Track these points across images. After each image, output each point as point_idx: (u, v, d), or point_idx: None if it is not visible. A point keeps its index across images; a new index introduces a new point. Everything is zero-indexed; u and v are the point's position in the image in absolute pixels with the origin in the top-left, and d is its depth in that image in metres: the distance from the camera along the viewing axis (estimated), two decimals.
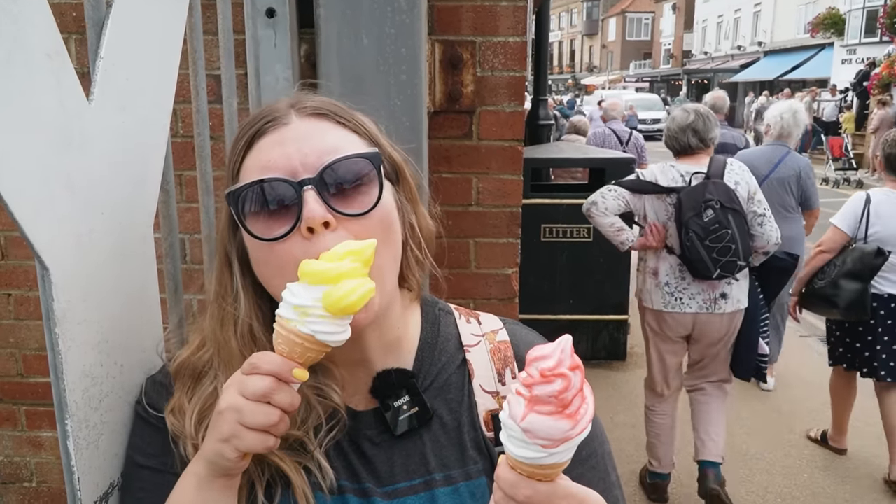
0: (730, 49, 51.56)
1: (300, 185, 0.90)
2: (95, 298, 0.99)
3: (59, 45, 0.88)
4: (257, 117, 0.97)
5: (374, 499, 0.99)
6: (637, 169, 4.78)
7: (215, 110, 1.63)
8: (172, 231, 1.29)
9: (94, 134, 0.97)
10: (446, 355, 1.09)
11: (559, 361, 0.75)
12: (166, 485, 0.96)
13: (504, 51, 2.20)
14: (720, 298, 3.80)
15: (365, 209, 0.92)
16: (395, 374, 1.03)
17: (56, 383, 0.93)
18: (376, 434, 1.02)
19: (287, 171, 0.91)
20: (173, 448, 0.99)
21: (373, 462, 1.01)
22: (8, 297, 2.50)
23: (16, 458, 2.68)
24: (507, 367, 1.09)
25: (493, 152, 2.25)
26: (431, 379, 1.06)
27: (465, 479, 1.01)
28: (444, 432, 1.04)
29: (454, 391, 1.06)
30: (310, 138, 0.94)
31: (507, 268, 2.33)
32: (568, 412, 0.75)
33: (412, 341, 1.08)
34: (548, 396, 0.75)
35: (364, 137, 0.99)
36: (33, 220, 0.86)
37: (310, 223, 0.89)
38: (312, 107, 0.98)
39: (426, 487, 1.00)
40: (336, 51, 1.86)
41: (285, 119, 0.95)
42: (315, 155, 0.92)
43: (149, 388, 1.07)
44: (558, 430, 0.75)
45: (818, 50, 37.39)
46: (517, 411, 0.77)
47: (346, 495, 0.98)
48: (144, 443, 1.04)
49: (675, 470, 4.29)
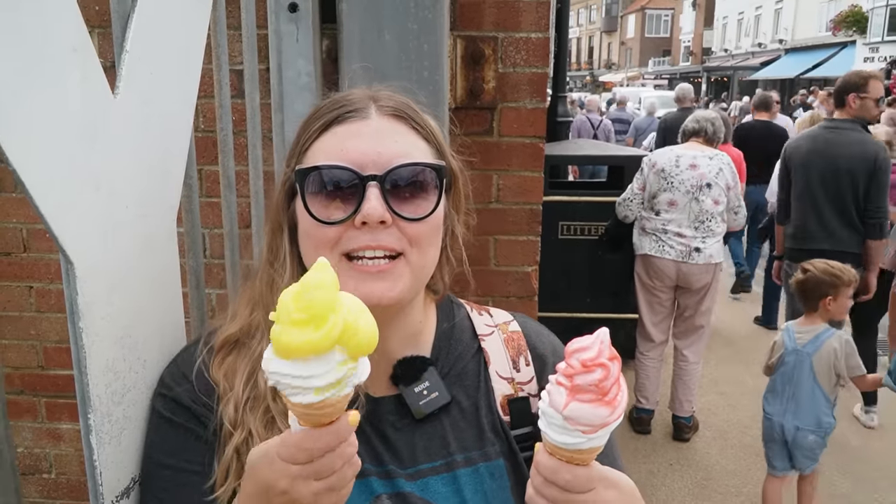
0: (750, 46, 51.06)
1: (367, 179, 0.95)
2: (119, 293, 0.99)
3: (85, 39, 0.87)
4: (336, 103, 1.02)
5: (398, 479, 1.02)
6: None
7: (236, 105, 1.62)
8: (195, 226, 1.29)
9: (118, 128, 0.97)
10: (462, 345, 1.14)
11: (599, 352, 0.80)
12: (187, 484, 0.97)
13: (526, 47, 2.18)
14: (694, 251, 4.66)
15: (421, 215, 0.98)
16: (414, 361, 1.08)
17: (79, 377, 0.93)
18: (398, 419, 1.06)
19: (357, 164, 0.96)
20: (209, 414, 0.99)
21: (395, 445, 1.04)
22: (29, 290, 2.52)
23: (35, 450, 2.70)
24: (520, 354, 1.15)
25: (514, 149, 2.24)
26: (449, 367, 1.11)
27: (485, 461, 1.06)
28: (463, 416, 1.08)
29: (471, 377, 1.11)
30: (385, 138, 0.98)
31: (526, 265, 2.31)
32: (607, 399, 0.80)
33: (429, 332, 1.13)
34: (588, 385, 0.80)
35: (432, 145, 1.04)
36: (58, 215, 0.86)
37: (366, 218, 0.94)
38: (393, 107, 1.02)
39: (448, 468, 1.04)
40: (358, 46, 1.85)
41: (365, 113, 1.00)
42: (387, 155, 0.96)
43: (169, 381, 1.06)
44: (598, 417, 0.80)
45: (840, 48, 36.93)
46: (559, 400, 0.81)
47: (370, 478, 1.01)
48: (164, 441, 1.03)
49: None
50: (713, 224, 4.69)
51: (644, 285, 4.99)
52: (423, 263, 1.01)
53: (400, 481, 1.02)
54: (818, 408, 3.55)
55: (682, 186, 4.64)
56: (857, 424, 5.29)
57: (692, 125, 4.98)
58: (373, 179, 0.95)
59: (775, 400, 3.69)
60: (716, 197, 4.64)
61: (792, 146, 4.89)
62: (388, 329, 1.03)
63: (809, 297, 3.67)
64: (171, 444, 1.02)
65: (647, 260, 4.86)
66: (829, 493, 4.35)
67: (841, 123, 4.62)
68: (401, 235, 0.97)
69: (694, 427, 5.14)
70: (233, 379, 1.00)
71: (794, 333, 3.67)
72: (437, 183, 1.00)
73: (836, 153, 4.53)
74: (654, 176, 4.72)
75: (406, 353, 1.08)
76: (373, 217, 0.93)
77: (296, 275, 1.01)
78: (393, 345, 1.07)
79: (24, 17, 0.77)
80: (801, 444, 3.59)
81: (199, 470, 0.98)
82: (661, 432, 5.18)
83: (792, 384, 3.60)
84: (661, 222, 4.76)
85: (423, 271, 1.02)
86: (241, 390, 0.99)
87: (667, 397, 5.20)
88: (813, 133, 4.79)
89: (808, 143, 4.74)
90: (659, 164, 4.72)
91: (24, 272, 2.50)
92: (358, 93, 1.04)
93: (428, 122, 1.05)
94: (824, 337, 3.55)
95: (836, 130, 4.60)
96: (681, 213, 4.68)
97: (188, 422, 1.01)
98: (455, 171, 1.08)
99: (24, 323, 2.55)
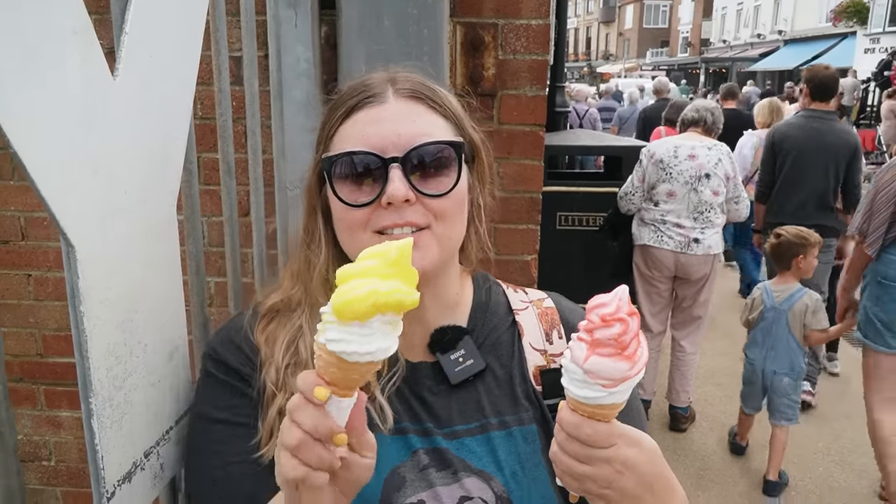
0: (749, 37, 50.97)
1: (388, 161, 1.00)
2: (119, 277, 0.99)
3: (85, 21, 0.87)
4: (356, 90, 1.07)
5: (436, 437, 1.08)
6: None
7: (234, 92, 1.61)
8: (195, 212, 1.28)
9: (118, 111, 0.96)
10: (497, 317, 1.20)
11: (618, 307, 0.82)
12: (240, 436, 1.04)
13: (526, 34, 2.17)
14: (693, 242, 4.64)
15: (443, 191, 1.03)
16: (451, 330, 1.14)
17: (80, 361, 0.93)
18: (434, 384, 1.12)
19: (379, 148, 1.01)
20: (254, 374, 1.06)
21: (432, 407, 1.10)
22: (28, 278, 2.51)
23: (35, 437, 2.71)
24: (553, 328, 1.21)
25: (514, 137, 2.23)
26: (484, 337, 1.17)
27: (518, 425, 1.11)
28: (497, 384, 1.14)
29: (505, 348, 1.17)
30: (403, 120, 1.03)
31: (526, 254, 2.31)
32: (626, 354, 0.82)
33: (466, 304, 1.19)
34: (608, 339, 0.82)
35: (451, 121, 1.08)
36: (59, 198, 0.85)
37: (391, 199, 0.99)
38: (409, 89, 1.06)
39: (482, 430, 1.10)
40: (357, 32, 1.84)
41: (383, 98, 1.05)
42: (407, 136, 1.01)
43: (217, 345, 1.13)
44: (618, 371, 0.82)
45: (840, 39, 36.84)
46: (579, 354, 0.84)
47: (409, 435, 1.08)
48: (215, 397, 1.09)
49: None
50: (712, 215, 4.67)
51: (642, 276, 4.98)
52: (450, 235, 1.06)
53: (437, 438, 1.08)
54: (792, 354, 4.21)
55: (681, 177, 4.62)
56: None
57: (691, 115, 4.96)
58: (394, 161, 1.00)
59: (756, 349, 4.34)
60: (715, 187, 4.62)
61: (780, 133, 5.34)
62: (426, 299, 1.07)
63: (783, 257, 4.29)
64: (221, 399, 1.08)
65: (646, 250, 4.86)
66: None
67: (825, 115, 5.16)
68: (426, 211, 1.03)
69: (691, 417, 5.16)
70: (273, 345, 1.07)
71: (771, 293, 4.31)
72: (456, 158, 1.05)
73: (824, 140, 5.08)
74: (653, 167, 4.70)
75: (443, 323, 1.14)
76: (397, 197, 0.99)
77: (331, 254, 1.10)
78: (431, 314, 1.13)
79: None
80: (777, 387, 4.22)
81: (248, 423, 1.04)
82: (657, 422, 5.19)
83: (771, 336, 4.25)
84: (659, 213, 4.74)
85: (450, 242, 1.07)
86: (281, 356, 1.05)
87: (664, 387, 5.22)
88: (799, 122, 5.31)
89: (796, 131, 5.23)
90: (657, 155, 4.70)
91: (23, 260, 2.50)
92: (376, 77, 1.09)
93: (445, 99, 1.09)
94: (797, 296, 4.21)
95: (821, 120, 5.14)
96: (680, 204, 4.66)
97: (235, 380, 1.08)
98: (477, 144, 1.13)
99: (22, 311, 2.55)
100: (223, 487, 1.04)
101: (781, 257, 4.30)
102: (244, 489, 1.02)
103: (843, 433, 5.02)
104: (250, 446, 1.03)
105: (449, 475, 1.06)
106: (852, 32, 34.99)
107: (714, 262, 4.80)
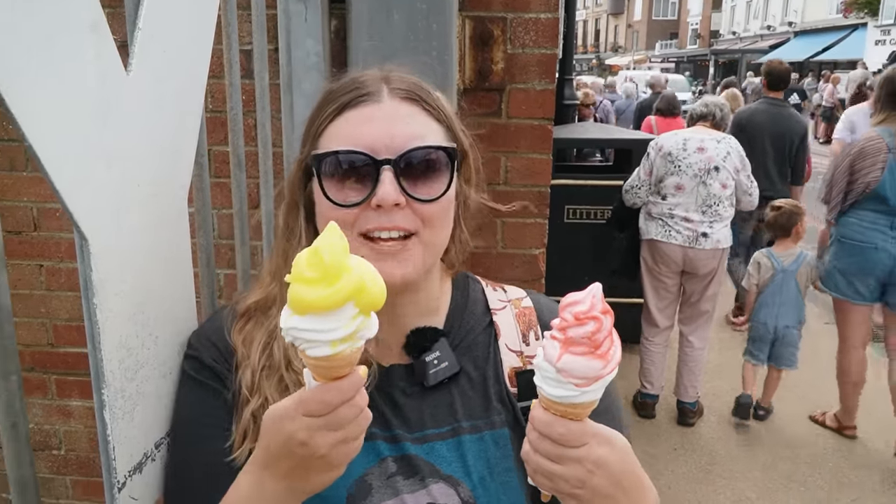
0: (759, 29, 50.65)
1: (380, 163, 0.98)
2: (132, 269, 1.00)
3: (99, 16, 0.87)
4: (349, 87, 1.04)
5: (405, 444, 1.06)
6: None
7: (244, 85, 1.62)
8: (205, 205, 1.29)
9: (131, 105, 0.97)
10: (474, 318, 1.18)
11: (591, 305, 0.82)
12: (210, 438, 1.03)
13: (535, 27, 2.16)
14: (701, 237, 4.63)
15: (433, 196, 1.01)
16: (427, 332, 1.11)
17: (93, 353, 0.94)
18: (408, 386, 1.10)
19: (371, 148, 0.99)
20: (230, 375, 1.05)
21: (403, 410, 1.08)
22: (40, 268, 2.53)
23: (45, 426, 2.73)
24: (531, 329, 1.18)
25: (523, 131, 2.23)
26: (461, 338, 1.15)
27: (490, 429, 1.09)
28: (471, 386, 1.12)
29: (481, 349, 1.15)
30: (397, 122, 1.01)
31: (534, 248, 2.31)
32: (599, 352, 0.81)
33: (444, 306, 1.17)
34: (581, 338, 0.81)
35: (443, 124, 1.06)
36: (72, 191, 0.86)
37: (381, 202, 0.97)
38: (404, 90, 1.04)
39: (453, 434, 1.08)
40: (367, 26, 1.84)
41: (377, 97, 1.02)
42: (400, 138, 0.99)
43: (194, 341, 1.12)
44: (591, 370, 0.82)
45: (851, 30, 36.54)
46: (552, 353, 0.83)
47: (377, 442, 1.06)
48: (189, 398, 1.09)
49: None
50: (720, 208, 4.63)
51: (650, 270, 4.94)
52: (436, 241, 1.05)
53: (406, 444, 1.06)
54: (798, 308, 4.89)
55: (690, 170, 4.59)
56: None
57: (700, 109, 4.95)
58: (386, 163, 0.98)
59: (766, 310, 4.91)
60: (724, 181, 4.60)
61: (745, 117, 6.38)
62: (404, 302, 1.08)
63: (785, 226, 4.91)
64: (195, 401, 1.07)
65: (654, 245, 4.82)
66: None
67: (782, 102, 6.43)
68: (414, 216, 1.00)
69: (699, 412, 5.15)
70: (250, 347, 1.05)
71: (777, 257, 4.90)
72: (448, 164, 1.03)
73: (783, 123, 6.23)
74: (661, 160, 4.67)
75: (420, 325, 1.12)
76: (387, 200, 0.97)
77: None
78: (408, 317, 1.11)
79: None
80: (788, 339, 4.89)
81: (220, 425, 1.04)
82: (665, 417, 5.18)
83: (781, 295, 4.86)
84: (667, 207, 4.70)
85: (434, 248, 1.06)
86: (257, 358, 1.03)
87: (671, 382, 5.20)
88: (762, 108, 6.38)
89: (761, 116, 6.29)
90: (665, 148, 4.67)
91: (35, 251, 2.52)
92: (370, 74, 1.06)
93: (438, 102, 1.07)
94: (803, 257, 4.87)
95: (780, 107, 6.36)
96: (688, 198, 4.62)
97: (211, 380, 1.07)
98: (465, 148, 1.11)
99: (34, 301, 2.57)
100: (184, 487, 1.05)
101: (783, 226, 4.91)
102: (202, 491, 1.01)
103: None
104: (221, 449, 1.02)
105: (416, 482, 1.04)
106: (863, 24, 34.71)
107: (723, 257, 4.76)
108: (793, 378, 5.31)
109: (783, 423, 5.11)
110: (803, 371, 5.19)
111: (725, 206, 4.67)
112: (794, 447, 4.76)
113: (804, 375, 5.39)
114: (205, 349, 1.09)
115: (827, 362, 5.01)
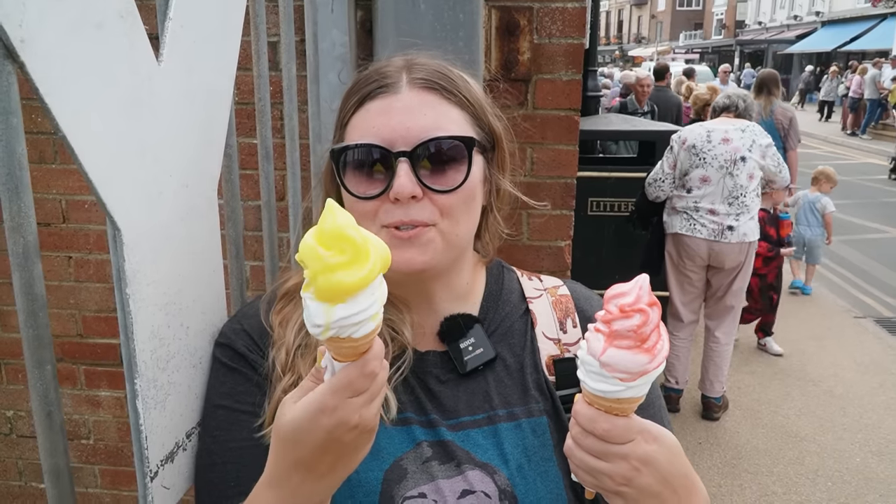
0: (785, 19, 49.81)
1: (396, 155, 0.98)
2: (164, 260, 1.00)
3: (131, 6, 0.87)
4: (370, 78, 1.04)
5: (440, 429, 1.05)
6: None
7: (271, 77, 1.62)
8: (234, 196, 1.29)
9: (162, 96, 0.97)
10: (510, 305, 1.17)
11: (638, 297, 0.78)
12: (239, 422, 1.04)
13: (562, 17, 2.14)
14: (727, 230, 4.58)
15: (451, 187, 1.00)
16: (462, 318, 1.11)
17: (126, 343, 0.95)
18: (443, 373, 1.09)
19: (387, 141, 0.98)
20: (263, 362, 1.05)
21: (439, 397, 1.08)
22: (69, 260, 2.56)
23: (74, 416, 2.77)
24: (567, 316, 1.17)
25: (549, 122, 2.21)
26: (496, 325, 1.14)
27: (527, 416, 1.08)
28: (508, 373, 1.11)
29: (517, 336, 1.14)
30: (414, 112, 1.00)
31: (560, 240, 2.29)
32: (646, 346, 0.78)
33: (478, 293, 1.17)
34: (627, 331, 0.78)
35: (467, 111, 1.05)
36: (105, 181, 0.86)
37: (398, 195, 0.97)
38: (424, 78, 1.03)
39: (489, 422, 1.07)
40: (393, 16, 1.84)
41: (396, 87, 1.01)
42: (416, 130, 0.99)
43: (226, 330, 1.13)
44: (636, 364, 0.78)
45: (880, 20, 35.79)
46: (596, 346, 0.80)
47: (412, 426, 1.05)
48: (219, 384, 1.09)
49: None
50: (747, 199, 4.57)
51: (674, 265, 4.90)
52: (457, 231, 1.03)
53: (441, 430, 1.05)
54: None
55: (716, 161, 4.53)
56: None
57: (723, 101, 4.88)
58: (402, 155, 0.98)
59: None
60: (750, 171, 4.53)
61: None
62: (436, 288, 1.10)
63: (815, 180, 7.84)
64: (225, 386, 1.08)
65: (678, 239, 4.78)
66: None
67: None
68: (433, 208, 1.00)
69: (724, 406, 5.10)
70: (286, 327, 1.06)
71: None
72: (467, 153, 1.01)
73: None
74: (685, 153, 4.61)
75: (454, 312, 1.11)
76: (403, 194, 0.97)
77: None
78: (442, 304, 1.11)
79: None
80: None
81: (250, 410, 1.04)
82: (690, 410, 5.15)
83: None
84: (692, 199, 4.64)
85: (457, 238, 1.04)
86: (292, 338, 1.04)
87: (696, 376, 5.16)
88: None
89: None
90: (689, 141, 4.62)
91: (64, 242, 2.55)
92: (394, 63, 1.06)
93: (463, 87, 1.05)
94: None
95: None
96: (714, 189, 4.56)
97: (241, 367, 1.07)
98: (498, 132, 1.09)
99: (63, 292, 2.60)
100: (214, 472, 1.05)
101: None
102: (233, 474, 1.02)
103: (882, 423, 4.94)
104: (251, 431, 1.03)
105: (452, 468, 1.03)
106: (892, 13, 33.99)
107: (749, 251, 4.69)
108: (819, 374, 5.24)
109: (809, 418, 5.05)
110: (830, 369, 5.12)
111: (752, 198, 4.60)
112: (821, 443, 4.71)
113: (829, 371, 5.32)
114: (238, 337, 1.10)
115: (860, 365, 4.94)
